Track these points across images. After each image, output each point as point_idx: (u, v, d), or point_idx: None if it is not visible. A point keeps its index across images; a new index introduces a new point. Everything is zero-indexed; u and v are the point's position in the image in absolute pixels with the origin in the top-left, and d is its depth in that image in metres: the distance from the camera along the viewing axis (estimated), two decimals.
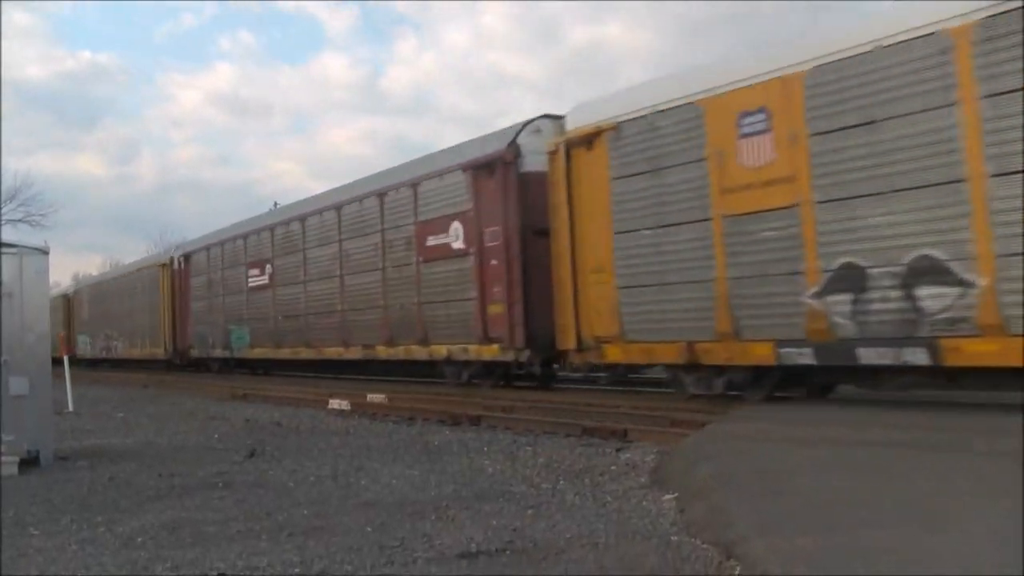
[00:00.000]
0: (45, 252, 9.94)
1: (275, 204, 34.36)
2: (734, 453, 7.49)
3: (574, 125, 13.41)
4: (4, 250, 9.64)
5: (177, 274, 29.90)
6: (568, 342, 13.36)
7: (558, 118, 14.63)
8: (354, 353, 19.83)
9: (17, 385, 9.43)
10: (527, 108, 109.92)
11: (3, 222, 50.33)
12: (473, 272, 15.80)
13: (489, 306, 15.42)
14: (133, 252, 74.26)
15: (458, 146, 17.41)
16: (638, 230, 12.24)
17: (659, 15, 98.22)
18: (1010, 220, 8.60)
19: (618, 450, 9.22)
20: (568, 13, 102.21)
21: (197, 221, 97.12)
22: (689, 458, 7.60)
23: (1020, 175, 8.53)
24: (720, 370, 11.50)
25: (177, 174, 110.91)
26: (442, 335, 16.74)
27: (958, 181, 8.99)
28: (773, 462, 6.94)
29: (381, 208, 18.65)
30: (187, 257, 29.37)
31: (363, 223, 19.39)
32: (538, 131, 15.05)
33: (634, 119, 12.32)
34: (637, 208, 12.24)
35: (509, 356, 15.04)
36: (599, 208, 12.81)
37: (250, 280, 24.71)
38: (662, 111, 11.94)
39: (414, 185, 17.57)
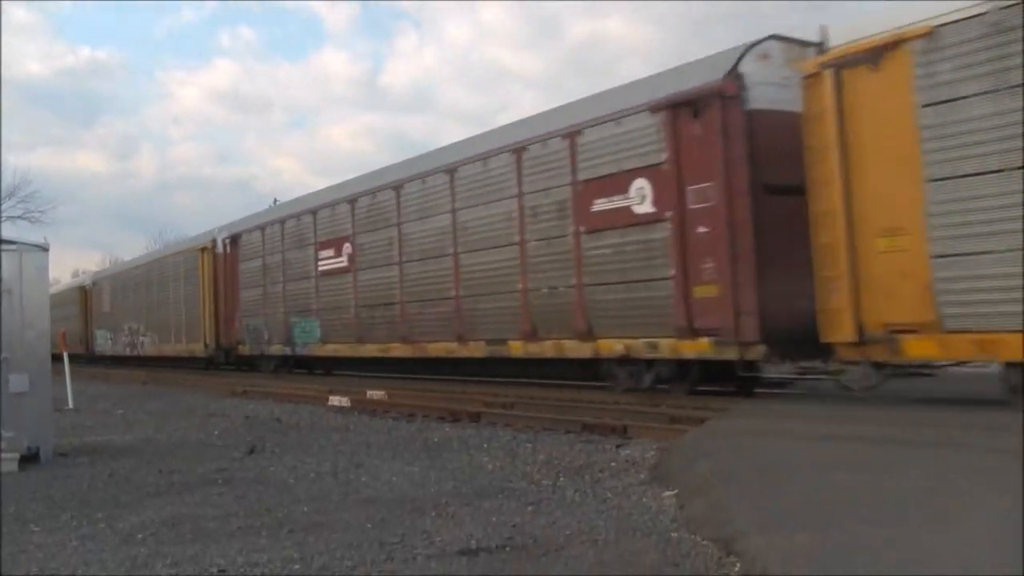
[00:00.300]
0: (45, 249, 9.95)
1: (275, 201, 34.27)
2: (734, 449, 7.50)
3: (847, 39, 10.13)
4: (4, 247, 9.64)
5: (222, 259, 26.12)
6: (840, 332, 10.14)
7: (795, 41, 11.71)
8: (474, 350, 16.07)
9: (17, 382, 9.43)
10: (527, 104, 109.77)
11: (3, 219, 50.34)
12: (669, 243, 12.18)
13: (695, 288, 11.83)
14: (133, 249, 74.23)
15: (639, 82, 13.81)
16: (976, 174, 8.95)
17: (659, 9, 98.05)
18: None
19: (618, 447, 9.22)
20: (568, 8, 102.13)
21: (196, 218, 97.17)
22: (689, 454, 7.60)
23: None
24: None
25: (177, 171, 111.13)
26: (616, 326, 13.09)
27: None
28: (773, 458, 6.95)
29: (518, 167, 14.86)
30: (235, 239, 25.48)
31: (488, 187, 15.59)
32: (766, 57, 11.62)
33: (966, 20, 9.03)
34: (975, 143, 8.95)
35: (730, 353, 11.48)
36: (896, 148, 9.60)
37: (321, 263, 20.89)
38: None
39: (572, 135, 13.83)
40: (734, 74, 11.44)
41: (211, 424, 13.16)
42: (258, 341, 24.15)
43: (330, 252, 20.61)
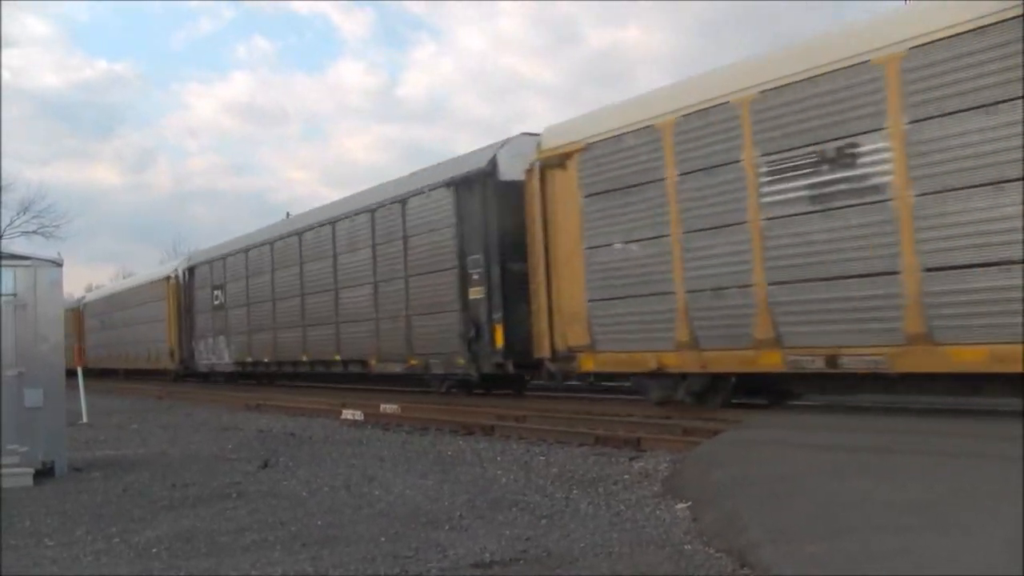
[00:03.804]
0: (59, 264, 10.00)
1: (287, 214, 34.31)
2: (747, 460, 7.48)
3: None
4: (18, 262, 9.71)
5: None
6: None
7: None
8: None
9: (32, 396, 9.48)
10: (543, 114, 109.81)
11: (18, 233, 50.73)
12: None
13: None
14: (146, 261, 74.60)
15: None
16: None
17: (677, 16, 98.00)
18: None
19: (631, 459, 9.20)
20: (586, 16, 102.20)
21: (210, 230, 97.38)
22: (702, 466, 7.59)
23: None
24: None
25: (192, 183, 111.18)
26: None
27: None
28: (786, 468, 6.92)
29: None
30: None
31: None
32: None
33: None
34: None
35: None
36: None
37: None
38: None
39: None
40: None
41: (225, 438, 13.18)
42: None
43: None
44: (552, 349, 13.18)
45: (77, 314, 42.92)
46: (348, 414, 15.48)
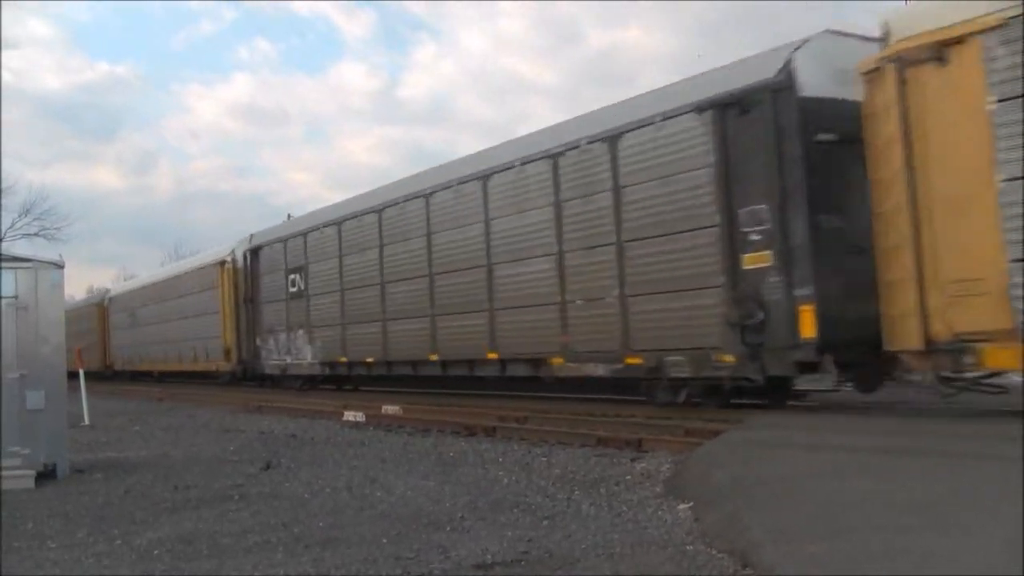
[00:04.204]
0: (60, 266, 10.02)
1: (288, 216, 34.25)
2: (748, 461, 7.48)
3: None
4: (19, 264, 9.73)
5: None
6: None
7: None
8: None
9: (33, 399, 9.49)
10: (544, 114, 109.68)
11: (19, 236, 50.76)
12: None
13: None
14: (147, 263, 74.53)
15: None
16: None
17: (677, 16, 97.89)
18: None
19: (633, 460, 9.21)
20: (586, 16, 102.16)
21: (212, 232, 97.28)
22: (704, 466, 7.59)
23: None
24: None
25: (195, 185, 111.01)
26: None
27: None
28: (787, 469, 6.93)
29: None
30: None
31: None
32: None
33: None
34: None
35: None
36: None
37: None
38: None
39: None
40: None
41: (226, 440, 13.19)
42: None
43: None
44: (926, 338, 9.10)
45: (101, 310, 39.57)
46: (350, 416, 15.49)
